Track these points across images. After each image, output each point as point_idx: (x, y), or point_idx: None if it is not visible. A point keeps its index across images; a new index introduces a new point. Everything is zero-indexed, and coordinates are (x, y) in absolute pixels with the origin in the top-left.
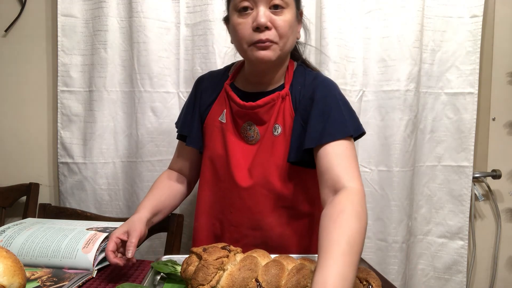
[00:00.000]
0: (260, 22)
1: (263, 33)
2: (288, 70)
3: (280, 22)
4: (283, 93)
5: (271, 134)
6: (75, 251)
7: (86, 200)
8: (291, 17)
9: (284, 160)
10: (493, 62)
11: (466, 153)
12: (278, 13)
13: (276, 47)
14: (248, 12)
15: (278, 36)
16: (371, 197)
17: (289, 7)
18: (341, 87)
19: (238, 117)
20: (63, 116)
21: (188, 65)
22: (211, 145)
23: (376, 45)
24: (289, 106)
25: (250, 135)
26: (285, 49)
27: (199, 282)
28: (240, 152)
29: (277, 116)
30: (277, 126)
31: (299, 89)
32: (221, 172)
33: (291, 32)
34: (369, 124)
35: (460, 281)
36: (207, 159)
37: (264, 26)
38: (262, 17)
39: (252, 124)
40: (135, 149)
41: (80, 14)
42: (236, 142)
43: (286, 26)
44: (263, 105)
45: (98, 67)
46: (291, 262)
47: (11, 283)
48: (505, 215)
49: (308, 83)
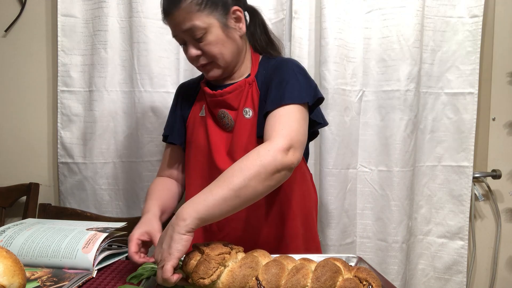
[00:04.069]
0: (189, 57)
1: (197, 61)
2: (253, 62)
3: (206, 48)
4: (249, 80)
5: (242, 117)
6: (75, 251)
7: (86, 200)
8: (215, 36)
9: (257, 140)
10: (493, 62)
11: (466, 153)
12: (201, 40)
13: (215, 64)
14: (185, 44)
15: (209, 58)
16: (371, 197)
17: (209, 29)
18: (341, 87)
19: (212, 107)
20: (63, 116)
21: (188, 65)
22: (194, 139)
23: (376, 45)
24: (256, 90)
25: (225, 122)
26: (225, 60)
27: (200, 275)
28: (219, 140)
29: (245, 101)
30: (247, 110)
31: (264, 73)
32: (203, 161)
33: (220, 47)
34: (369, 124)
35: (460, 281)
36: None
37: (193, 58)
38: (190, 52)
39: (225, 112)
40: (135, 149)
41: (80, 14)
42: (216, 131)
43: (212, 47)
44: (230, 92)
45: (98, 67)
46: (291, 262)
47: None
48: (505, 215)
49: (271, 66)
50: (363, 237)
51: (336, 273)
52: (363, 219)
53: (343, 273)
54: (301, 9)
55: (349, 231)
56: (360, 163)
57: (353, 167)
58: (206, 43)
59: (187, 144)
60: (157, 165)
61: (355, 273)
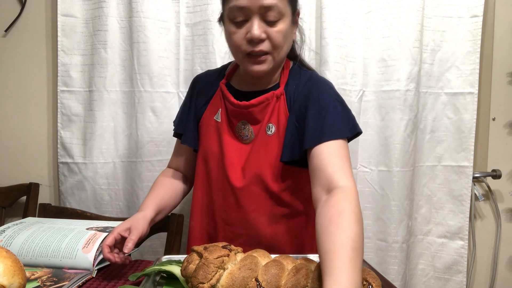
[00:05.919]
0: (254, 35)
1: (257, 46)
2: (283, 70)
3: (274, 34)
4: (278, 93)
5: (264, 133)
6: (75, 251)
7: (86, 200)
8: (285, 26)
9: (277, 159)
10: (493, 62)
11: (466, 153)
12: (272, 24)
13: (270, 58)
14: (242, 22)
15: (272, 47)
16: (371, 197)
17: (284, 17)
18: (341, 87)
19: (233, 116)
20: (63, 116)
21: (188, 65)
22: (205, 143)
23: (376, 45)
24: (284, 105)
25: (245, 134)
26: (280, 57)
27: (199, 280)
28: (234, 151)
29: (271, 116)
30: (271, 125)
31: (294, 88)
32: (214, 170)
33: (285, 41)
34: (369, 124)
35: (460, 281)
36: (201, 157)
37: (259, 39)
38: (256, 30)
39: (247, 123)
40: (135, 149)
41: (80, 14)
42: (230, 141)
43: (280, 37)
44: (257, 104)
45: (98, 67)
46: (291, 262)
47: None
48: (505, 215)
49: (303, 82)
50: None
51: None
52: (363, 219)
53: None
54: (301, 9)
55: None
56: (360, 163)
57: (353, 167)
58: (277, 29)
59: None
60: (157, 165)
61: None
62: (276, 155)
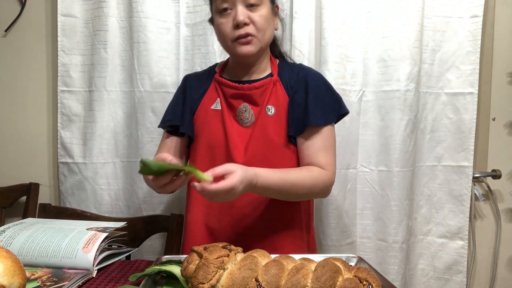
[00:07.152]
0: (239, 20)
1: (243, 28)
2: (272, 62)
3: (257, 18)
4: (274, 79)
5: (265, 114)
6: (75, 251)
7: (86, 200)
8: (266, 11)
9: (278, 138)
10: (493, 62)
11: (466, 153)
12: (254, 9)
13: (256, 40)
14: (228, 12)
15: (256, 29)
16: (371, 197)
17: (263, 3)
18: (341, 87)
19: (234, 99)
20: (63, 116)
21: (188, 65)
22: (207, 132)
23: (376, 45)
24: (281, 90)
25: (245, 117)
26: (264, 40)
27: (199, 280)
28: (237, 135)
29: (269, 98)
30: (270, 107)
31: (288, 76)
32: (219, 155)
33: (267, 25)
34: (369, 124)
35: (460, 281)
36: (203, 148)
37: (243, 23)
38: (240, 15)
39: (247, 106)
40: (135, 149)
41: (80, 14)
42: (233, 126)
43: (262, 20)
44: (258, 87)
45: (98, 67)
46: (291, 262)
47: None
48: (505, 215)
49: (296, 71)
50: (363, 237)
51: (336, 273)
52: (363, 219)
53: (343, 273)
54: (301, 9)
55: (349, 231)
56: (360, 163)
57: (353, 167)
58: (259, 14)
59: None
60: None
61: (355, 273)
62: (277, 133)
